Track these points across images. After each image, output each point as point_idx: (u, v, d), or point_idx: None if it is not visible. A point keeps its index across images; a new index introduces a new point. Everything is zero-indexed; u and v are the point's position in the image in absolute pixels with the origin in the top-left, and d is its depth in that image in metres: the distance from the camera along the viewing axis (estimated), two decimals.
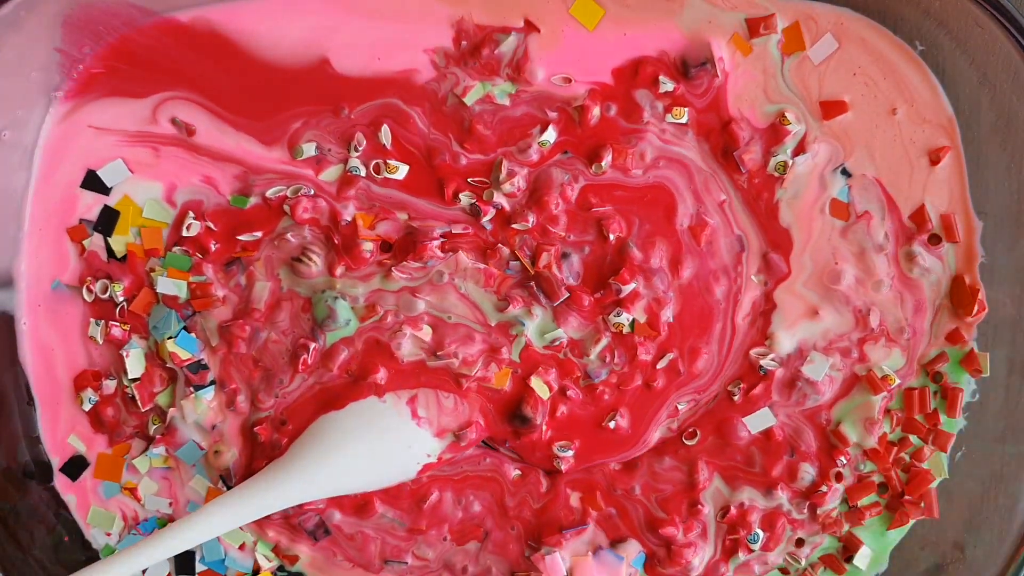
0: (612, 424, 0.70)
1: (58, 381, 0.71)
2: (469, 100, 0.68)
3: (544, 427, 0.70)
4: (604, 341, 0.69)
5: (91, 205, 0.70)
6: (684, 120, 0.68)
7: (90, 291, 0.70)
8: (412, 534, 0.72)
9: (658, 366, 0.70)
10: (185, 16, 0.68)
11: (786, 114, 0.68)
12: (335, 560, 0.72)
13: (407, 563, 0.72)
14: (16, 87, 0.67)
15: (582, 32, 0.68)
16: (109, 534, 0.72)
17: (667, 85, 0.68)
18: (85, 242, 0.70)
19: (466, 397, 0.70)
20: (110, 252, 0.70)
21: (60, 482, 0.72)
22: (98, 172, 0.70)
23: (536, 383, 0.70)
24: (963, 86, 0.67)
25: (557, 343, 0.69)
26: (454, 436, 0.70)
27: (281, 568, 0.73)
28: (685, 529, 0.71)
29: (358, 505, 0.71)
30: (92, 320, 0.70)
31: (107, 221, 0.70)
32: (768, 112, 0.69)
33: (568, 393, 0.70)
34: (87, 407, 0.71)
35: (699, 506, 0.71)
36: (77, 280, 0.70)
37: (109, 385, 0.71)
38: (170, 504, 0.72)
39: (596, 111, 0.68)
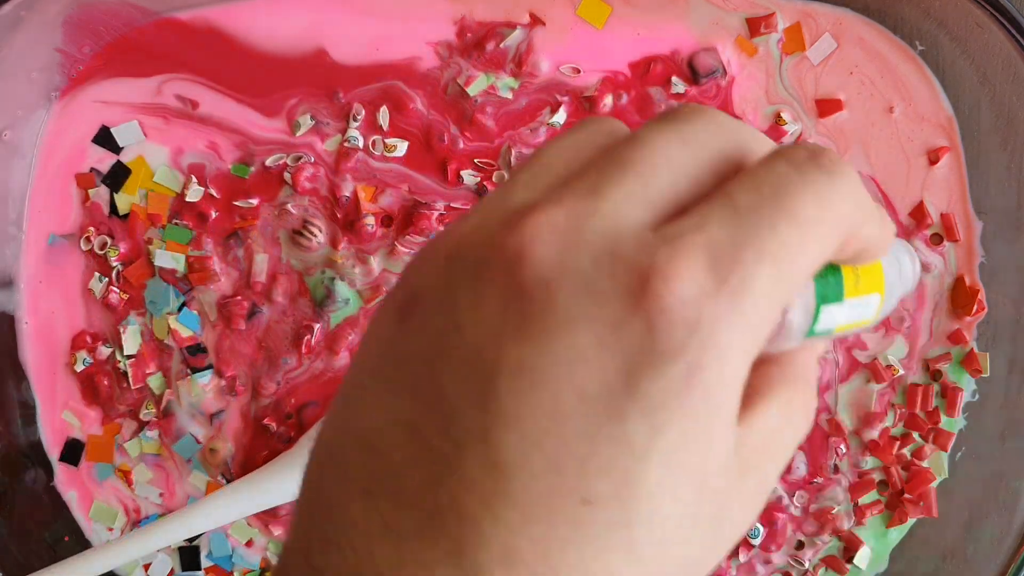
0: None
1: (56, 358, 0.71)
2: (472, 91, 0.68)
3: None
4: None
5: (102, 158, 0.70)
6: None
7: (89, 241, 0.70)
8: None
9: None
10: (185, 16, 0.69)
11: (782, 114, 0.68)
12: None
13: None
14: (16, 87, 0.68)
15: (591, 29, 0.68)
16: (111, 529, 0.73)
17: (679, 87, 0.68)
18: (91, 191, 0.70)
19: None
20: (113, 210, 0.70)
21: (60, 478, 0.72)
22: (112, 130, 0.70)
23: None
24: (963, 86, 0.67)
25: None
26: None
27: None
28: None
29: None
30: (97, 274, 0.70)
31: (117, 177, 0.70)
32: (767, 114, 0.69)
33: None
34: (80, 368, 0.70)
35: None
36: (77, 229, 0.70)
37: (104, 351, 0.70)
38: (160, 495, 0.72)
39: (608, 100, 0.68)
